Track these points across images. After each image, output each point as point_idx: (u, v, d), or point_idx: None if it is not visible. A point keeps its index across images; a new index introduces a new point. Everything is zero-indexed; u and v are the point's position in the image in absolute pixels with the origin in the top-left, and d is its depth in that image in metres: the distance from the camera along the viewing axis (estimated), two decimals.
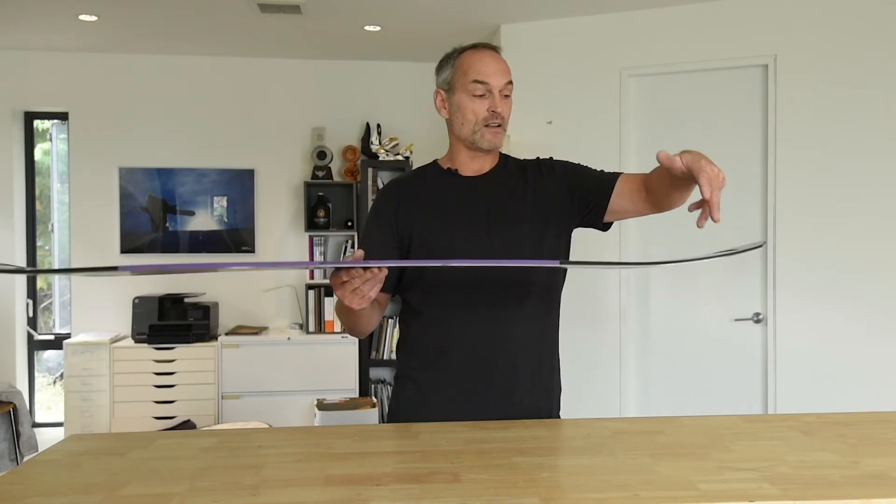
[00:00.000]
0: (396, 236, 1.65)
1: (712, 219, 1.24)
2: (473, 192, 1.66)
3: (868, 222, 3.40)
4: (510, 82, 1.64)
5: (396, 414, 1.67)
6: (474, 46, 1.67)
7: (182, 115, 4.91)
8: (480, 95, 1.62)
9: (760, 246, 1.36)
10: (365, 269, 1.32)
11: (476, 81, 1.62)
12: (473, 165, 1.69)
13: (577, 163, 1.73)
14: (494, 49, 1.67)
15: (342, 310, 1.56)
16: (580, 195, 1.66)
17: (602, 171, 1.71)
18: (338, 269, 1.36)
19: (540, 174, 1.69)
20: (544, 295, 1.66)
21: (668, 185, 1.47)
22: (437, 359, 1.62)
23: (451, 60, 1.68)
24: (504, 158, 1.74)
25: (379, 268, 1.32)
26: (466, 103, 1.63)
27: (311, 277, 4.84)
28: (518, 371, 1.60)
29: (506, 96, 1.64)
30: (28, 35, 4.43)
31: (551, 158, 1.74)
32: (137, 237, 4.85)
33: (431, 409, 1.59)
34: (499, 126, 1.63)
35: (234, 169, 4.93)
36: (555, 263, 1.30)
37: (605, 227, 1.70)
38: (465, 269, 1.60)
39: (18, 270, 1.08)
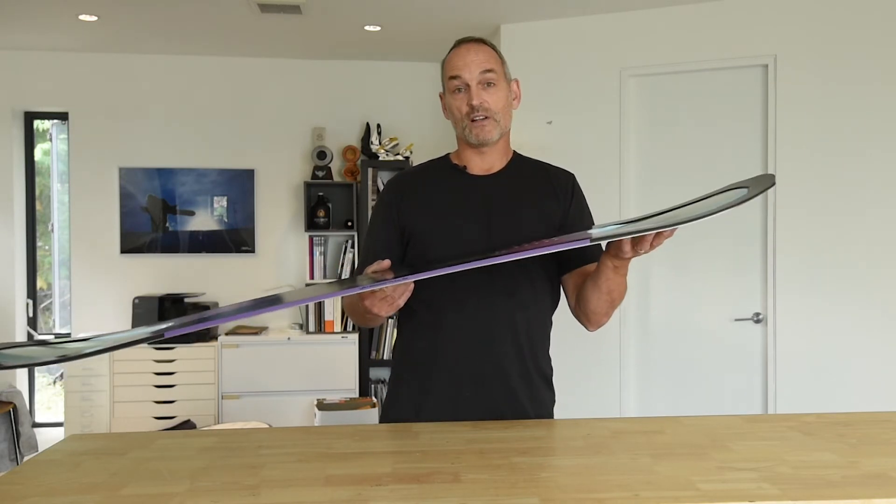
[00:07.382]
0: (398, 230, 1.64)
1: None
2: (478, 192, 1.63)
3: (868, 222, 3.40)
4: (489, 70, 1.58)
5: (388, 414, 1.64)
6: (457, 43, 1.64)
7: (182, 115, 4.91)
8: (459, 91, 1.60)
9: (740, 187, 1.40)
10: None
11: (452, 78, 1.60)
12: (482, 164, 1.65)
13: (587, 205, 1.70)
14: (476, 40, 1.62)
15: (355, 310, 1.55)
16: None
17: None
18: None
19: (555, 184, 1.67)
20: (537, 303, 1.62)
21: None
22: (429, 361, 1.59)
23: (443, 62, 1.66)
24: (518, 158, 1.70)
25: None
26: (451, 101, 1.62)
27: (311, 277, 4.84)
28: (509, 377, 1.57)
29: (488, 84, 1.58)
30: (28, 35, 4.42)
31: (574, 178, 1.71)
32: (137, 237, 4.85)
33: (422, 411, 1.57)
34: (485, 118, 1.58)
35: (234, 169, 4.93)
36: (585, 243, 1.25)
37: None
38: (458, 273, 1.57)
39: (59, 360, 1.10)
